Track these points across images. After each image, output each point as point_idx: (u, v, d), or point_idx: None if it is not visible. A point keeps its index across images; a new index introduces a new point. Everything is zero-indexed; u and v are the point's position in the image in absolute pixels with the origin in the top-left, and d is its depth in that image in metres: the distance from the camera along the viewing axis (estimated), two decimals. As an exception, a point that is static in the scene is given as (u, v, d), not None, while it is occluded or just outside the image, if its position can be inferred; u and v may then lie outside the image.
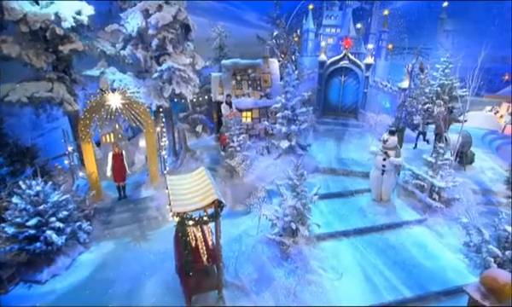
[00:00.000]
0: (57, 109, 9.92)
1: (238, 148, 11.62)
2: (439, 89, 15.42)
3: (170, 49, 10.19)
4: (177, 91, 10.87)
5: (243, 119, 13.58)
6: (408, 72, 13.56)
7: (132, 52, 10.60)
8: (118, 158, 10.48)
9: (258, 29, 17.38)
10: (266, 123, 12.53)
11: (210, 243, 7.55)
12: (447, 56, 15.26)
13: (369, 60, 14.48)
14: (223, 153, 12.11)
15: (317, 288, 7.36)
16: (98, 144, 13.36)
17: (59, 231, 8.18)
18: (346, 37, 14.72)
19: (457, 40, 16.23)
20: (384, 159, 9.69)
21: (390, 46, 17.12)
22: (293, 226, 8.42)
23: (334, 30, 18.14)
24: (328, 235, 9.10)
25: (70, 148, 10.12)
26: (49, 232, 7.84)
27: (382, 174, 9.92)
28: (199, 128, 14.45)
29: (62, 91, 9.67)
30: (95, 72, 10.62)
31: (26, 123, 10.99)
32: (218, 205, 6.67)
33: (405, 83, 14.52)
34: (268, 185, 11.21)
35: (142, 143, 13.60)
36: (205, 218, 6.66)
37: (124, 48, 10.82)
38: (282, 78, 13.62)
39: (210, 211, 6.76)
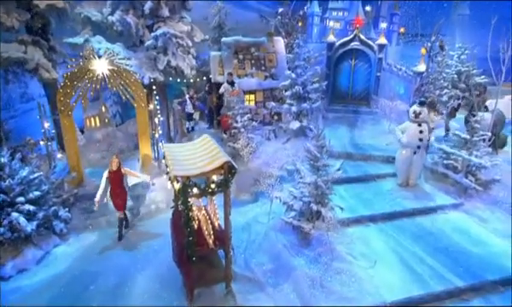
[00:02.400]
0: (31, 77, 8.71)
1: (242, 130, 10.53)
2: (455, 76, 14.69)
3: (166, 12, 9.17)
4: (174, 63, 9.84)
5: (246, 103, 12.53)
6: (427, 50, 12.76)
7: (122, 17, 9.54)
8: (116, 177, 7.72)
9: (260, 12, 16.57)
10: (273, 103, 11.49)
11: (216, 224, 6.35)
12: (462, 42, 14.60)
13: (383, 40, 13.69)
14: (224, 135, 10.98)
15: (349, 277, 6.19)
16: (82, 131, 12.16)
17: (28, 215, 6.90)
18: (356, 16, 13.94)
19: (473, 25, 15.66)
20: (421, 132, 8.67)
21: (402, 30, 16.44)
22: (314, 207, 7.28)
23: (341, 13, 17.42)
24: (353, 220, 7.99)
25: (46, 124, 8.87)
26: (15, 214, 6.56)
27: (414, 153, 8.88)
28: (196, 115, 13.34)
29: (38, 56, 8.51)
30: (77, 39, 9.51)
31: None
32: (229, 170, 5.53)
33: (421, 67, 13.70)
34: (277, 171, 10.11)
35: (132, 130, 12.42)
36: (212, 186, 5.49)
37: (112, 13, 9.75)
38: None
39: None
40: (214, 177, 5.65)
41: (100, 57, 8.54)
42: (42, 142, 9.29)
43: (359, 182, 9.77)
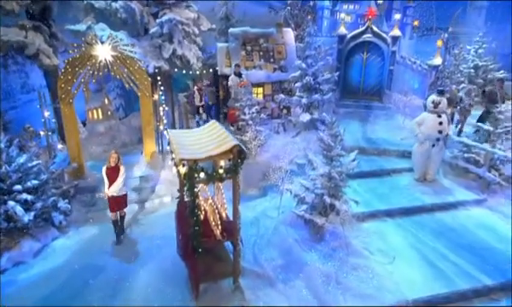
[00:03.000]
0: (31, 63, 8.49)
1: (250, 122, 10.22)
2: (472, 70, 14.27)
3: (171, -2, 8.95)
4: (179, 52, 9.60)
5: (253, 96, 12.23)
6: (443, 41, 12.37)
7: (126, 4, 9.33)
8: (113, 173, 7.13)
9: (269, 4, 16.27)
10: (282, 95, 11.18)
11: (224, 215, 6.04)
12: (480, 35, 14.19)
13: (396, 31, 13.33)
14: (231, 127, 10.69)
15: (366, 273, 5.84)
16: (84, 124, 11.96)
17: (26, 205, 6.64)
18: (369, 7, 13.62)
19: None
20: (440, 123, 8.30)
21: (416, 23, 16.03)
22: (327, 200, 6.93)
23: (352, 6, 17.09)
24: (369, 215, 7.64)
25: (47, 113, 8.65)
26: (11, 203, 6.30)
27: (433, 146, 8.50)
28: (202, 110, 13.07)
29: (39, 41, 8.31)
30: (80, 26, 9.31)
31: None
32: (238, 154, 5.22)
33: (437, 60, 13.32)
34: (286, 165, 9.77)
35: (135, 123, 12.19)
36: (220, 171, 5.18)
37: (116, -1, 9.56)
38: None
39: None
40: (222, 163, 5.35)
41: (103, 43, 8.32)
42: (42, 132, 9.06)
43: (373, 176, 9.42)
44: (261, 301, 5.65)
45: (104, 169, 7.20)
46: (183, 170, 4.94)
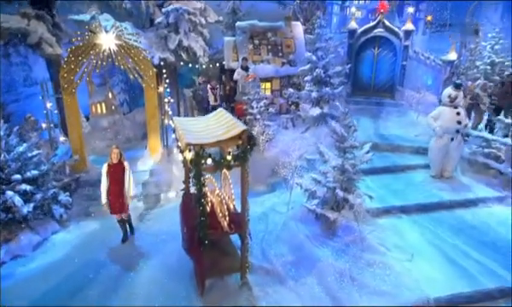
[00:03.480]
0: (33, 52, 8.35)
1: (258, 116, 10.02)
2: (488, 67, 13.92)
3: (178, -15, 8.79)
4: (186, 43, 9.43)
5: (261, 91, 12.02)
6: (460, 34, 12.05)
7: (131, -6, 9.24)
8: (116, 171, 6.54)
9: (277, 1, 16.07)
10: (291, 89, 10.95)
11: (232, 207, 5.79)
12: (496, 31, 13.85)
13: (409, 25, 13.05)
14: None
15: (383, 270, 5.55)
16: (87, 118, 11.85)
17: (25, 196, 6.47)
18: (380, 1, 13.36)
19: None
20: (458, 114, 8.00)
21: (429, 18, 15.71)
22: (340, 194, 6.66)
23: (362, 1, 16.86)
24: (383, 211, 7.35)
25: (49, 105, 8.52)
26: (10, 193, 6.13)
27: (452, 140, 8.20)
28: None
29: (42, 30, 8.20)
30: (84, 16, 9.20)
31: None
32: (248, 140, 4.99)
33: (452, 55, 13.00)
34: (295, 160, 9.51)
35: (140, 118, 12.04)
36: (228, 157, 4.95)
37: (121, -11, 9.46)
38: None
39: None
40: (230, 150, 5.12)
41: (107, 32, 8.18)
42: (44, 125, 8.93)
43: (387, 172, 9.12)
44: (270, 298, 5.39)
45: (105, 167, 6.52)
46: (189, 155, 4.72)
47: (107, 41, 8.09)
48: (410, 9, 13.17)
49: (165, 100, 9.35)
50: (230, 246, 6.21)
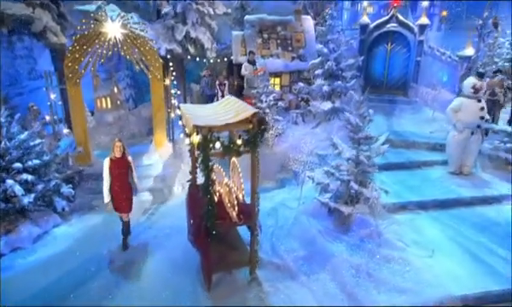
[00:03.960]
0: (37, 41, 8.24)
1: (267, 110, 9.79)
2: (506, 64, 13.54)
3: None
4: (193, 35, 9.28)
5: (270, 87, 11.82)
6: (477, 29, 11.75)
7: (138, -16, 9.15)
8: (119, 166, 6.01)
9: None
10: (301, 83, 10.73)
11: (241, 197, 5.55)
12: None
13: (424, 19, 12.78)
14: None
15: (402, 266, 5.26)
16: (92, 113, 11.75)
17: (26, 185, 6.32)
18: (394, -6, 13.12)
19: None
20: (482, 109, 7.71)
21: (444, 13, 15.39)
22: (354, 186, 6.39)
23: (374, -4, 16.66)
24: (399, 207, 7.06)
25: (53, 96, 8.41)
26: (10, 182, 5.98)
27: (472, 134, 7.89)
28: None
29: (46, 18, 8.11)
30: (89, 6, 9.12)
31: (1, 75, 9.38)
32: (259, 124, 4.77)
33: (469, 50, 12.67)
34: (306, 156, 9.27)
35: (145, 114, 11.92)
36: (238, 142, 4.73)
37: (128, -20, 9.39)
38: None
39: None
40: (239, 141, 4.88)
41: (113, 21, 8.07)
42: (47, 117, 8.82)
43: (402, 169, 8.81)
44: (281, 294, 5.13)
45: (107, 161, 5.96)
46: (196, 138, 4.50)
47: (112, 30, 7.98)
48: (425, 3, 12.85)
49: (172, 91, 9.18)
50: (239, 240, 5.97)
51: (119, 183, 6.09)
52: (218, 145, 4.61)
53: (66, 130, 8.60)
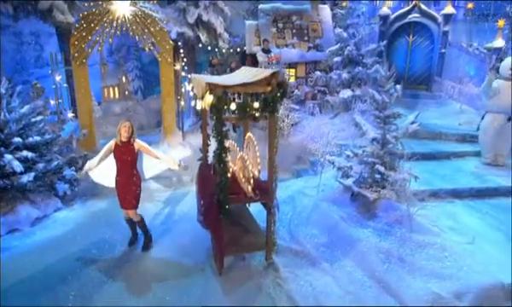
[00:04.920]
0: (44, 20, 8.11)
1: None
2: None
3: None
4: (205, 18, 9.06)
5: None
6: (510, 16, 11.26)
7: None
8: (126, 153, 5.15)
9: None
10: (318, 72, 10.38)
11: (257, 173, 5.15)
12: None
13: (449, 8, 12.36)
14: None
15: (439, 251, 4.74)
16: (99, 104, 11.60)
17: (26, 163, 6.05)
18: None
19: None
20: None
21: (470, 5, 14.90)
22: (380, 169, 5.95)
23: (394, -11, 16.26)
24: (431, 194, 6.53)
25: (58, 78, 8.24)
26: (8, 157, 5.72)
27: (509, 120, 7.39)
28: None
29: (54, -4, 8.03)
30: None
31: (7, 61, 9.28)
32: (278, 86, 4.41)
33: (498, 42, 12.17)
34: (324, 147, 8.86)
35: (154, 105, 11.71)
36: (255, 105, 4.37)
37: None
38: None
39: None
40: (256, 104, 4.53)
41: None
42: (52, 102, 8.66)
43: (430, 159, 8.29)
44: (301, 281, 4.68)
45: (112, 144, 5.16)
46: (209, 98, 4.16)
47: (121, 7, 7.81)
48: (450, -10, 12.41)
49: (182, 73, 8.93)
50: (254, 224, 5.57)
51: (123, 174, 5.25)
52: (233, 106, 4.26)
53: (70, 115, 8.39)
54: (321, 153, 7.34)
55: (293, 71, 11.87)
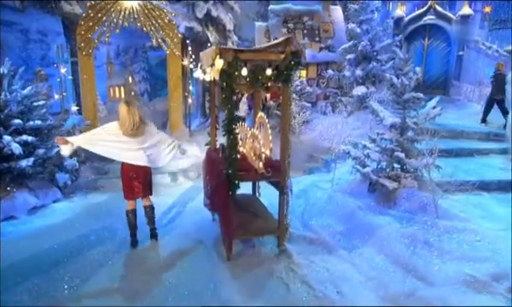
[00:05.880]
0: (52, 14, 8.19)
1: (293, 95, 9.33)
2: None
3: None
4: (214, 14, 9.09)
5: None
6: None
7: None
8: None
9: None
10: (331, 71, 10.27)
11: (269, 153, 4.93)
12: None
13: (466, 9, 12.32)
14: (272, 102, 9.79)
15: (471, 236, 4.43)
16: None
17: (26, 147, 5.94)
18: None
19: None
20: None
21: (487, 9, 14.76)
22: (400, 155, 5.70)
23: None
24: (457, 186, 6.18)
25: (63, 70, 8.26)
26: (7, 138, 5.61)
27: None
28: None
29: (61, -15, 8.15)
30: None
31: (13, 58, 9.35)
32: (293, 55, 4.26)
33: (518, 44, 12.05)
34: (337, 145, 8.64)
35: (161, 107, 11.69)
36: (268, 71, 4.21)
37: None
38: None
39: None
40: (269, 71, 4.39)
41: (130, -9, 7.98)
42: (57, 96, 8.66)
43: (453, 156, 8.03)
44: (317, 267, 4.37)
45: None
46: (219, 63, 4.02)
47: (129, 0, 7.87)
48: (466, -9, 12.38)
49: (190, 66, 8.89)
50: (265, 210, 5.32)
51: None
52: (244, 72, 4.11)
53: (74, 108, 8.35)
54: (334, 151, 7.14)
55: (303, 72, 11.81)
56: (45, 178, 6.53)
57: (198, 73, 5.51)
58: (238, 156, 4.55)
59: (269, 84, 4.36)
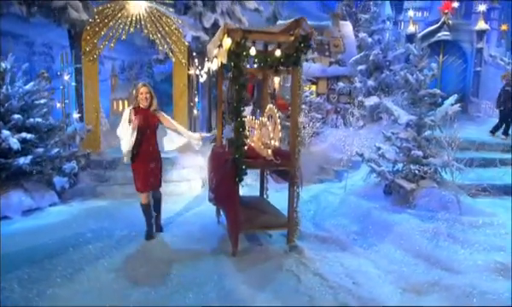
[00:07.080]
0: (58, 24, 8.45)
1: (303, 106, 9.43)
2: None
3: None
4: (222, 24, 9.37)
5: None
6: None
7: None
8: (147, 117, 4.79)
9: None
10: (341, 83, 10.41)
11: (277, 144, 4.92)
12: None
13: (482, 24, 12.53)
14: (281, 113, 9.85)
15: (496, 229, 4.31)
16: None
17: (24, 144, 6.01)
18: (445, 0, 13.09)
19: None
20: None
21: (504, 27, 14.98)
22: (418, 153, 5.65)
23: (419, 14, 16.73)
24: (479, 188, 6.10)
25: (66, 77, 8.48)
26: (6, 132, 5.70)
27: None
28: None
29: (69, -6, 8.49)
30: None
31: (17, 70, 9.71)
32: (302, 38, 4.37)
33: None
34: (348, 157, 8.59)
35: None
36: (277, 52, 4.29)
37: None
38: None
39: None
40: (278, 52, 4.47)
41: (138, -3, 8.33)
42: (59, 104, 8.86)
43: (472, 166, 7.91)
44: (330, 262, 4.22)
45: (130, 112, 4.70)
46: (227, 43, 4.11)
47: (136, 5, 8.20)
48: (482, 7, 12.64)
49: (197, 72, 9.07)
50: (273, 207, 5.23)
51: (145, 146, 4.76)
52: (253, 51, 4.18)
53: (76, 115, 8.49)
54: (346, 159, 7.13)
55: (313, 87, 11.98)
56: (42, 180, 6.55)
57: (205, 68, 5.66)
58: (245, 145, 4.55)
59: (278, 67, 4.43)
